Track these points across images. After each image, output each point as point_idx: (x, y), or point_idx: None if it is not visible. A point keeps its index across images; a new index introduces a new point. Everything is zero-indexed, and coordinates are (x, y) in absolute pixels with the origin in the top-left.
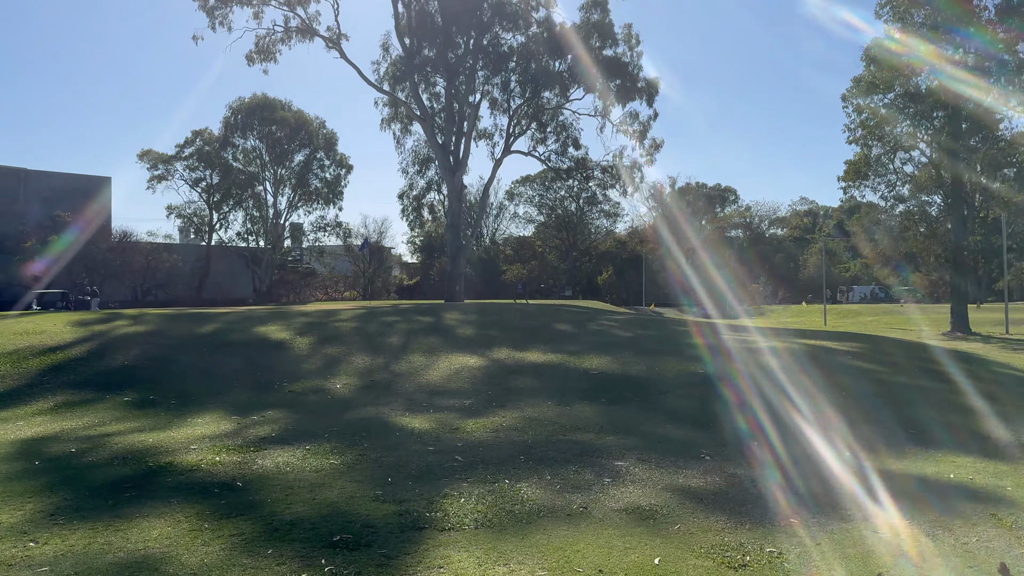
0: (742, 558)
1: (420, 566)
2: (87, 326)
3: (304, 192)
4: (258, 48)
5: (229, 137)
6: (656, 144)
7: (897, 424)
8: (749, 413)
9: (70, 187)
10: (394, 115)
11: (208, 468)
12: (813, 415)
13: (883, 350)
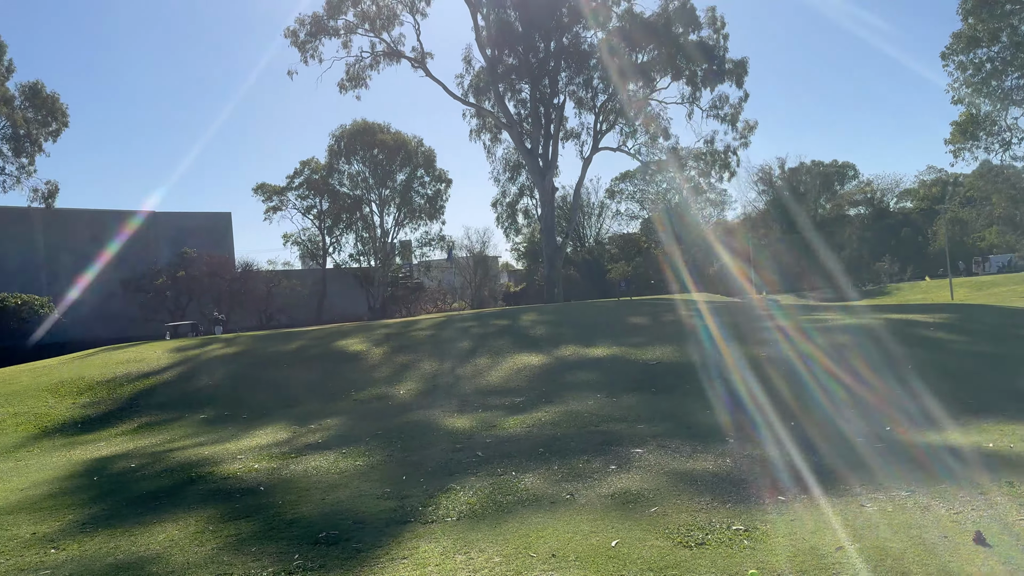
0: (703, 537)
1: (385, 557)
2: (183, 351)
3: (408, 210)
4: (349, 76)
5: (334, 164)
6: (749, 126)
7: (957, 394)
8: (796, 394)
9: (195, 225)
10: (482, 125)
11: (241, 475)
12: (865, 392)
13: (975, 319)
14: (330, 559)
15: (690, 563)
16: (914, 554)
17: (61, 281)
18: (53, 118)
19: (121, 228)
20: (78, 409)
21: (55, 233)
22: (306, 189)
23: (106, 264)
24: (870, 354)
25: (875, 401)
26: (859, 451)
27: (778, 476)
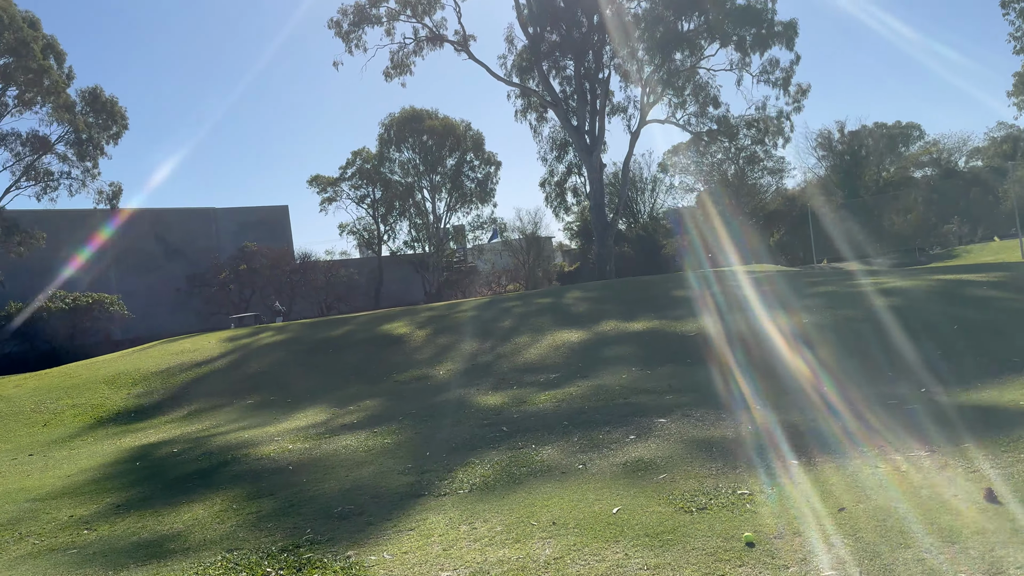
0: (706, 502)
1: (392, 529)
2: (235, 341)
3: (459, 194)
4: (393, 63)
5: (385, 152)
6: (802, 89)
7: (1003, 353)
8: (833, 359)
9: (254, 219)
10: (527, 105)
11: (274, 456)
12: (907, 354)
13: None
14: (340, 532)
15: (687, 528)
16: (919, 514)
17: (129, 279)
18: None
19: (183, 225)
20: (132, 399)
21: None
22: (359, 179)
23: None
24: (916, 316)
25: (915, 363)
26: (888, 414)
27: (797, 441)
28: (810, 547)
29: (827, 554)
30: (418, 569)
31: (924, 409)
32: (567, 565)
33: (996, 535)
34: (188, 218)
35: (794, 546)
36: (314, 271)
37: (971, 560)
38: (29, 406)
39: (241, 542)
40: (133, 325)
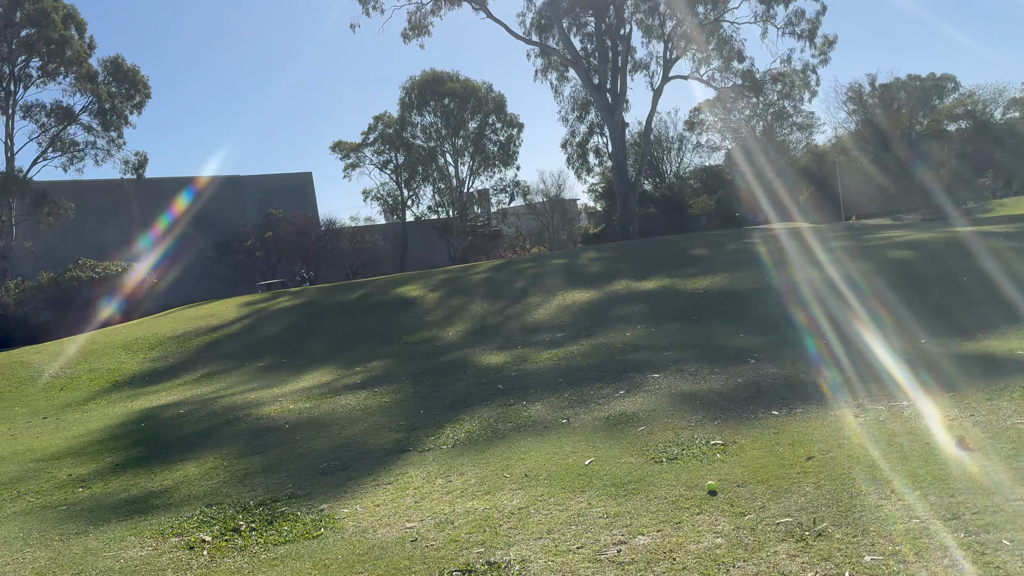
0: (677, 452)
1: (371, 484)
2: (251, 305)
3: (482, 158)
4: (411, 24)
5: (406, 117)
6: (829, 41)
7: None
8: (839, 312)
9: (278, 186)
10: (547, 64)
11: (274, 416)
12: (915, 305)
13: None
14: (320, 487)
15: (654, 477)
16: (889, 461)
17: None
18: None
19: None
20: (147, 363)
21: (148, 202)
22: (381, 144)
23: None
24: (928, 268)
25: (921, 314)
26: (882, 365)
27: (784, 392)
28: (771, 495)
29: (786, 501)
30: (387, 519)
31: (919, 360)
32: (530, 515)
33: (959, 482)
34: (213, 186)
35: (755, 494)
36: (339, 237)
37: (929, 506)
38: (48, 371)
39: (223, 497)
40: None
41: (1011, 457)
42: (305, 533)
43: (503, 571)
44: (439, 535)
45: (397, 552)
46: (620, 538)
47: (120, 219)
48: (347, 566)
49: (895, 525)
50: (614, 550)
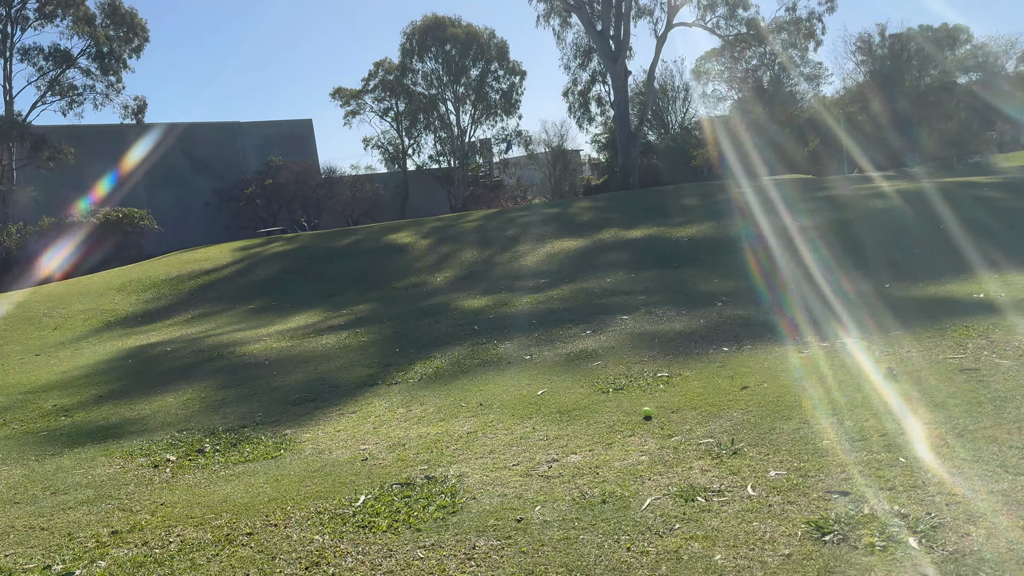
0: (624, 383)
1: (336, 413)
2: (245, 250)
3: (484, 106)
4: None
5: (407, 63)
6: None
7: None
8: (813, 259)
9: (278, 133)
10: (549, 9)
11: (256, 353)
12: (888, 252)
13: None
14: (287, 415)
15: (598, 406)
16: (817, 392)
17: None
18: (134, 34)
19: (209, 139)
20: (141, 304)
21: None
22: (382, 91)
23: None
24: (910, 217)
25: (892, 260)
26: (841, 307)
27: (740, 332)
28: (701, 420)
29: (712, 425)
30: (344, 443)
31: (877, 302)
32: (477, 438)
33: (876, 408)
34: (213, 132)
35: (686, 419)
36: (340, 186)
37: (842, 430)
38: (42, 311)
39: (194, 424)
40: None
41: (934, 389)
42: (265, 454)
43: (440, 484)
44: (389, 455)
45: (347, 469)
46: (554, 457)
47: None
48: (297, 480)
49: (806, 446)
50: (546, 466)
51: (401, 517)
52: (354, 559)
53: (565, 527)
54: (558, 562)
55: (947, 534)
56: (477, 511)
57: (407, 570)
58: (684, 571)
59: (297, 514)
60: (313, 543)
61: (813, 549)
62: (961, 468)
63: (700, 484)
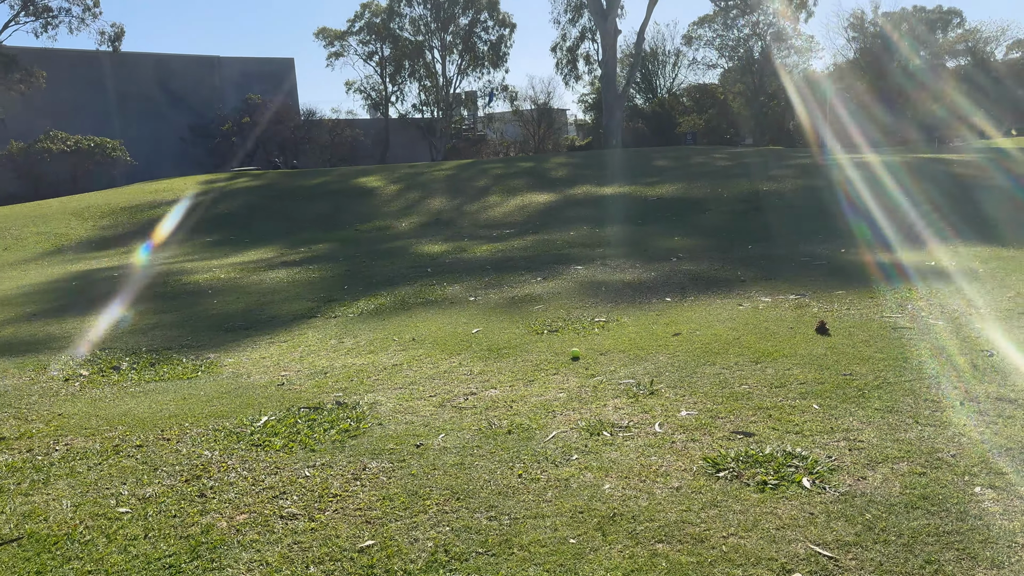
0: (560, 326)
1: (266, 340)
2: (211, 184)
3: (471, 57)
4: None
5: (395, 7)
6: None
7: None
8: (776, 223)
9: (258, 70)
10: None
11: (201, 282)
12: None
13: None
14: (217, 341)
15: (529, 345)
16: (748, 340)
17: (132, 126)
18: None
19: (187, 72)
20: (96, 231)
21: (123, 78)
22: (367, 34)
23: (174, 109)
24: (876, 187)
25: (853, 228)
26: (792, 268)
27: (688, 284)
28: (627, 361)
29: (636, 367)
30: (265, 369)
31: (828, 265)
32: (401, 370)
33: (803, 357)
34: (191, 65)
35: (613, 360)
36: (319, 129)
37: (763, 376)
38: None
39: (120, 344)
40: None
41: (863, 344)
42: (182, 374)
43: (349, 410)
44: (307, 382)
45: (259, 393)
46: (472, 390)
47: (94, 93)
48: (204, 400)
49: (723, 389)
50: (462, 398)
51: (300, 438)
52: (237, 474)
53: (463, 454)
54: (444, 484)
55: (843, 476)
56: (379, 436)
57: (289, 486)
58: (569, 497)
59: (193, 431)
60: (201, 457)
61: (704, 484)
62: (873, 418)
63: (610, 420)
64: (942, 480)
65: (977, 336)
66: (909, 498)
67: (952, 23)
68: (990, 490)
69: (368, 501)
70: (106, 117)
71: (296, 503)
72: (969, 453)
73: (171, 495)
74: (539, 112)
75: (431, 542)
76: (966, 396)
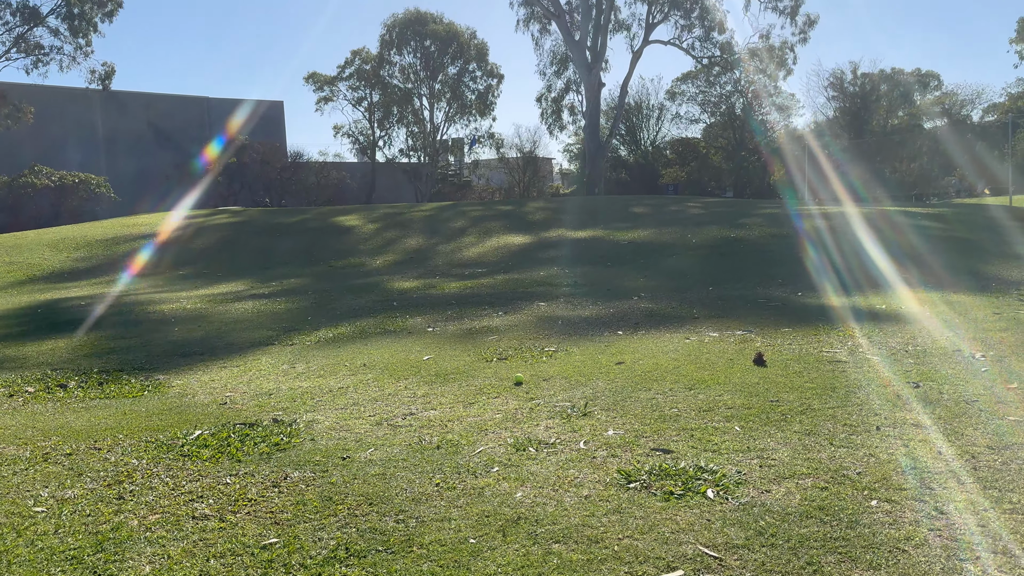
0: (511, 354)
1: (219, 365)
2: (191, 219)
3: (459, 105)
4: None
5: (385, 55)
6: (810, 20)
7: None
8: (738, 267)
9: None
10: (530, 15)
11: (166, 311)
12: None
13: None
14: (169, 364)
15: (476, 371)
16: (686, 369)
17: (118, 163)
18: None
19: (176, 112)
20: (69, 262)
21: (112, 116)
22: (357, 80)
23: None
24: (841, 236)
25: (815, 274)
26: (746, 308)
27: (642, 320)
28: (567, 387)
29: (575, 391)
30: (212, 390)
31: (782, 306)
32: (346, 393)
33: (736, 385)
34: (181, 106)
35: (554, 386)
36: (305, 171)
37: (691, 399)
38: None
39: (73, 365)
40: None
41: (796, 375)
42: (128, 393)
43: (285, 426)
44: (250, 403)
45: (200, 410)
46: (412, 411)
47: (82, 129)
48: (144, 416)
49: (653, 411)
50: (400, 418)
51: (229, 451)
52: (160, 480)
53: (387, 466)
54: (360, 492)
55: (748, 489)
56: (308, 449)
57: (208, 491)
58: (480, 503)
59: (126, 442)
60: (128, 465)
61: (612, 493)
62: (790, 439)
63: (538, 438)
64: (842, 494)
65: (908, 370)
66: (806, 508)
67: (930, 85)
68: (886, 503)
69: (282, 505)
70: (93, 153)
71: (211, 506)
72: (874, 472)
73: (89, 497)
74: (525, 160)
75: (334, 541)
76: (884, 422)
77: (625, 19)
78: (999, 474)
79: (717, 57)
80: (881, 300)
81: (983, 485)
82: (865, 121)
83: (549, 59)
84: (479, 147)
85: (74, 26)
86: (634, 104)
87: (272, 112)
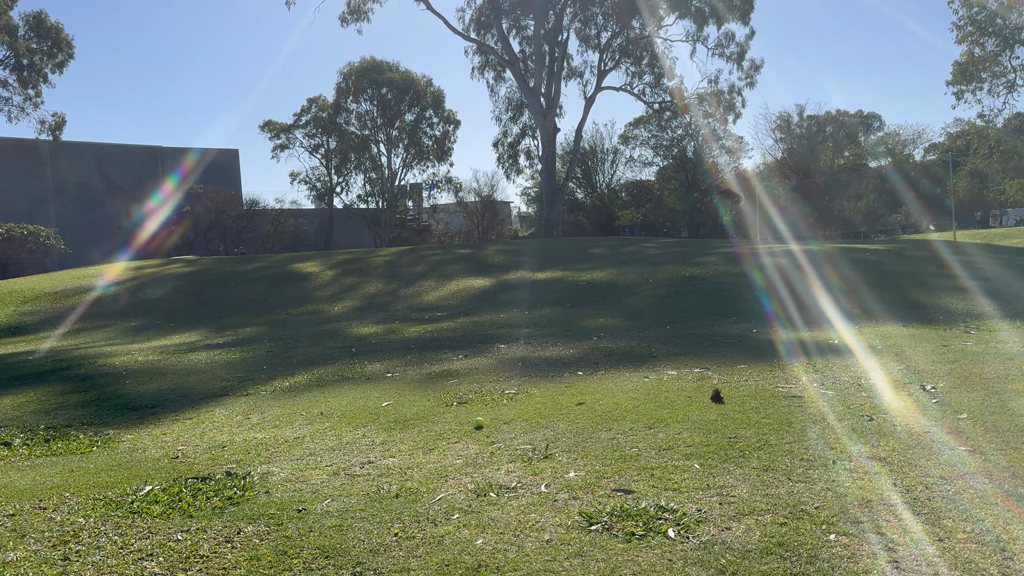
0: (471, 398)
1: (171, 418)
2: (141, 269)
3: (416, 151)
4: (350, 8)
5: (342, 103)
6: (756, 65)
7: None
8: (696, 305)
9: (202, 161)
10: (485, 63)
11: (117, 365)
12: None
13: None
14: (121, 419)
15: (436, 416)
16: (645, 408)
17: (69, 214)
18: (58, 49)
19: (128, 162)
20: (16, 316)
21: (63, 166)
22: (313, 127)
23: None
24: (793, 273)
25: (768, 311)
26: (703, 345)
27: (601, 360)
28: (527, 429)
29: (536, 434)
30: (164, 444)
31: (738, 343)
32: (303, 443)
33: (695, 422)
34: (133, 155)
35: (515, 429)
36: (262, 218)
37: (651, 439)
38: None
39: (19, 422)
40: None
41: (752, 411)
42: (76, 450)
43: (238, 479)
44: (203, 456)
45: (150, 465)
46: (371, 459)
47: (30, 180)
48: (92, 472)
49: (614, 452)
50: (358, 467)
51: (181, 506)
52: (108, 539)
53: (344, 517)
54: (316, 545)
55: (708, 528)
56: (262, 503)
57: (159, 548)
58: (440, 552)
59: (72, 500)
60: (74, 524)
61: (574, 536)
62: (749, 475)
63: (499, 482)
64: (801, 529)
65: (862, 404)
66: (766, 545)
67: (873, 126)
68: (843, 537)
69: (235, 561)
70: (42, 204)
71: (161, 564)
72: (831, 506)
73: (33, 559)
74: (483, 204)
75: None
76: (840, 456)
77: (578, 66)
78: (953, 504)
79: (668, 102)
80: (833, 335)
81: (938, 515)
82: (812, 161)
83: (504, 105)
84: (437, 192)
85: (23, 77)
86: (589, 148)
87: (226, 160)
